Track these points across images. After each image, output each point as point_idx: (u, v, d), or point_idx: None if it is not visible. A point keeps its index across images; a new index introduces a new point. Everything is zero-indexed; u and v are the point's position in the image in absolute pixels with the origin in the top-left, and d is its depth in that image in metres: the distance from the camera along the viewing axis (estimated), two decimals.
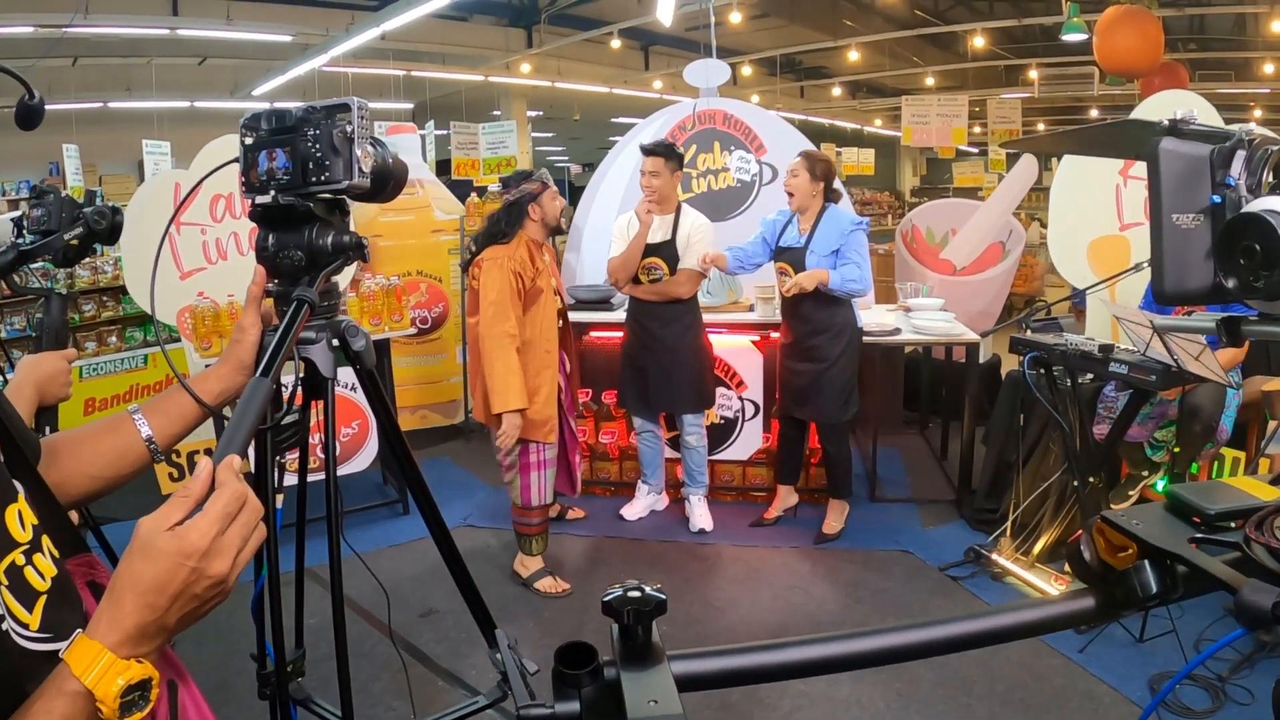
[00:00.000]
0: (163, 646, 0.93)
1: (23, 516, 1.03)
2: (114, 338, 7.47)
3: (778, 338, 5.29)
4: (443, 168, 10.73)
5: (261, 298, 1.54)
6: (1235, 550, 0.93)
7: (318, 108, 1.45)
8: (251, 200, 1.50)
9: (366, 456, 5.53)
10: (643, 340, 5.08)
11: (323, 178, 1.43)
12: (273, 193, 1.46)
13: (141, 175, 11.77)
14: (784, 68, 18.13)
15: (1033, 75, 15.64)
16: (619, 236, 5.06)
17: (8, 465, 1.07)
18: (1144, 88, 10.57)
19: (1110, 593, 0.96)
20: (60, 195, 2.81)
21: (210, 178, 1.56)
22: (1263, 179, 0.89)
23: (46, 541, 1.06)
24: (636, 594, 0.87)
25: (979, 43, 13.77)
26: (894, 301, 6.66)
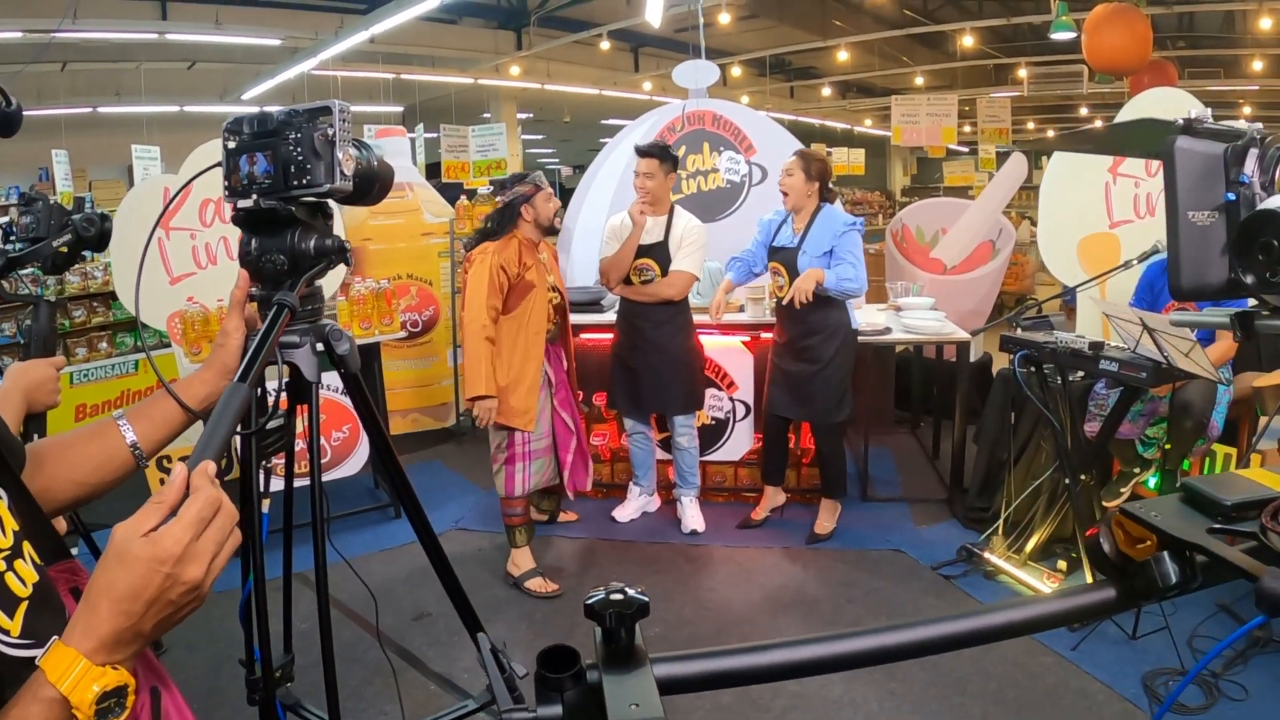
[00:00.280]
0: (139, 652, 0.92)
1: (3, 523, 1.03)
2: (104, 343, 7.45)
3: (769, 338, 5.29)
4: (432, 171, 10.71)
5: (245, 302, 1.54)
6: (1252, 540, 0.94)
7: (299, 111, 1.44)
8: (234, 204, 1.49)
9: (357, 461, 5.52)
10: (633, 341, 5.08)
11: (304, 181, 1.43)
12: (255, 197, 1.45)
13: (131, 180, 11.74)
14: (774, 68, 18.17)
15: (1022, 74, 15.69)
16: (612, 237, 5.07)
17: None
18: (1133, 85, 10.59)
19: (1130, 584, 0.97)
20: (49, 202, 2.81)
21: (200, 182, 1.56)
22: (1275, 176, 0.91)
23: (28, 548, 1.05)
24: (619, 596, 0.87)
25: (968, 42, 13.80)
26: (884, 301, 6.66)
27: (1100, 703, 3.57)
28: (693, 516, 5.37)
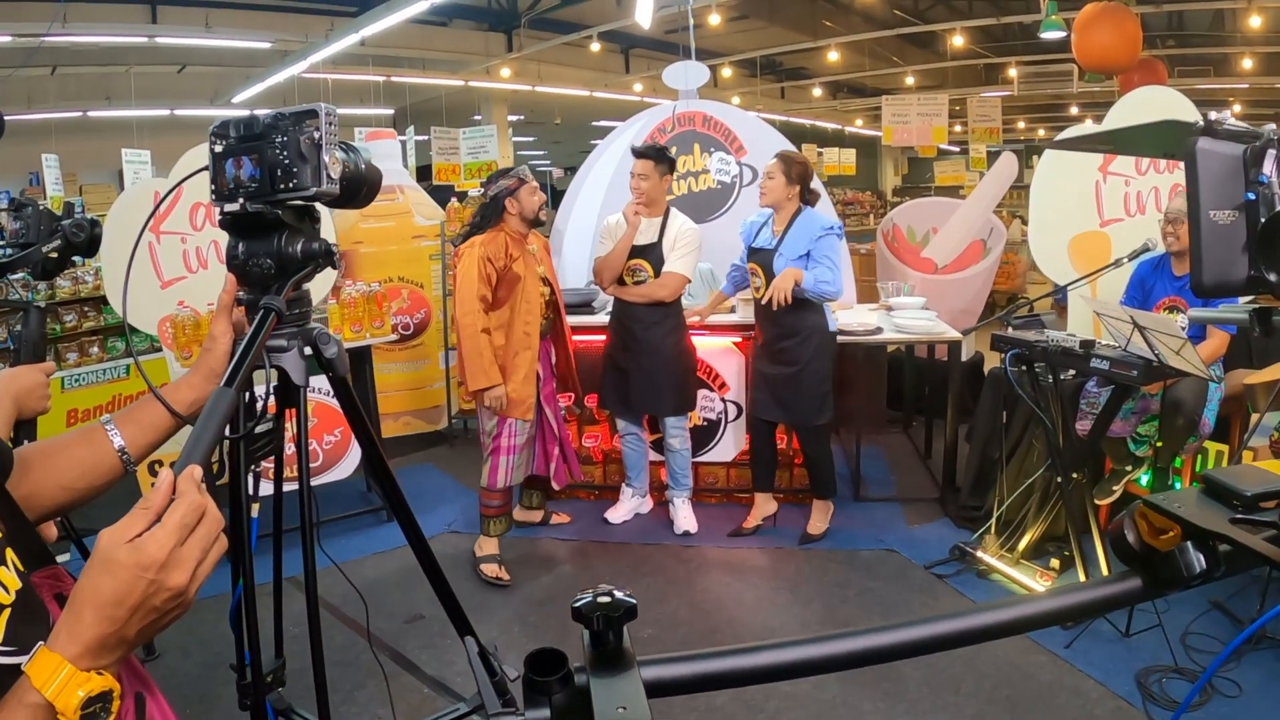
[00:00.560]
0: (124, 658, 0.92)
1: None
2: (96, 348, 7.42)
3: None
4: (423, 173, 10.71)
5: (232, 306, 1.54)
6: (1273, 528, 0.96)
7: (285, 114, 1.44)
8: (220, 208, 1.49)
9: (350, 464, 5.51)
10: (625, 342, 5.08)
11: (291, 185, 1.42)
12: (241, 200, 1.45)
13: (122, 184, 11.73)
14: (764, 69, 18.19)
15: (1012, 73, 15.70)
16: (607, 237, 5.08)
17: None
18: (1123, 84, 10.61)
19: (1155, 573, 0.99)
20: (39, 208, 2.79)
21: (191, 186, 1.55)
22: None
23: (10, 554, 1.05)
24: (606, 599, 0.87)
25: (958, 42, 13.83)
26: (876, 301, 6.66)
27: (1094, 701, 3.57)
28: (685, 518, 5.36)
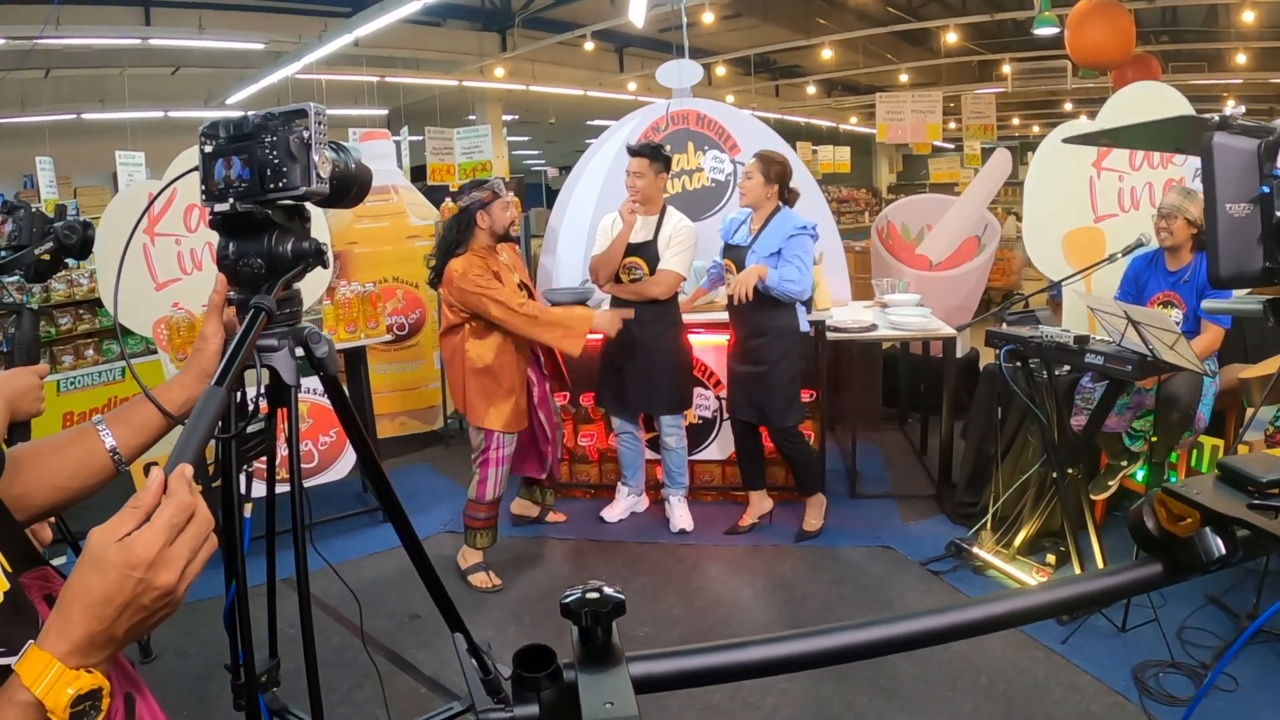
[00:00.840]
0: (113, 656, 0.92)
1: None
2: (91, 350, 7.41)
3: None
4: (418, 173, 10.73)
5: (223, 306, 1.54)
6: None
7: (275, 114, 1.44)
8: (211, 208, 1.49)
9: (345, 465, 5.51)
10: (621, 340, 5.08)
11: (280, 184, 1.42)
12: (231, 200, 1.45)
13: (116, 186, 11.71)
14: (758, 67, 18.21)
15: (1006, 70, 15.74)
16: (603, 235, 5.08)
17: None
18: (1117, 80, 10.62)
19: (1175, 558, 1.01)
20: (31, 210, 2.79)
21: (185, 187, 1.56)
22: None
23: None
24: (595, 595, 0.87)
25: (952, 39, 13.85)
26: (871, 298, 6.67)
27: (1090, 696, 3.58)
28: (681, 516, 5.37)
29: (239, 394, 1.55)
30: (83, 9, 10.50)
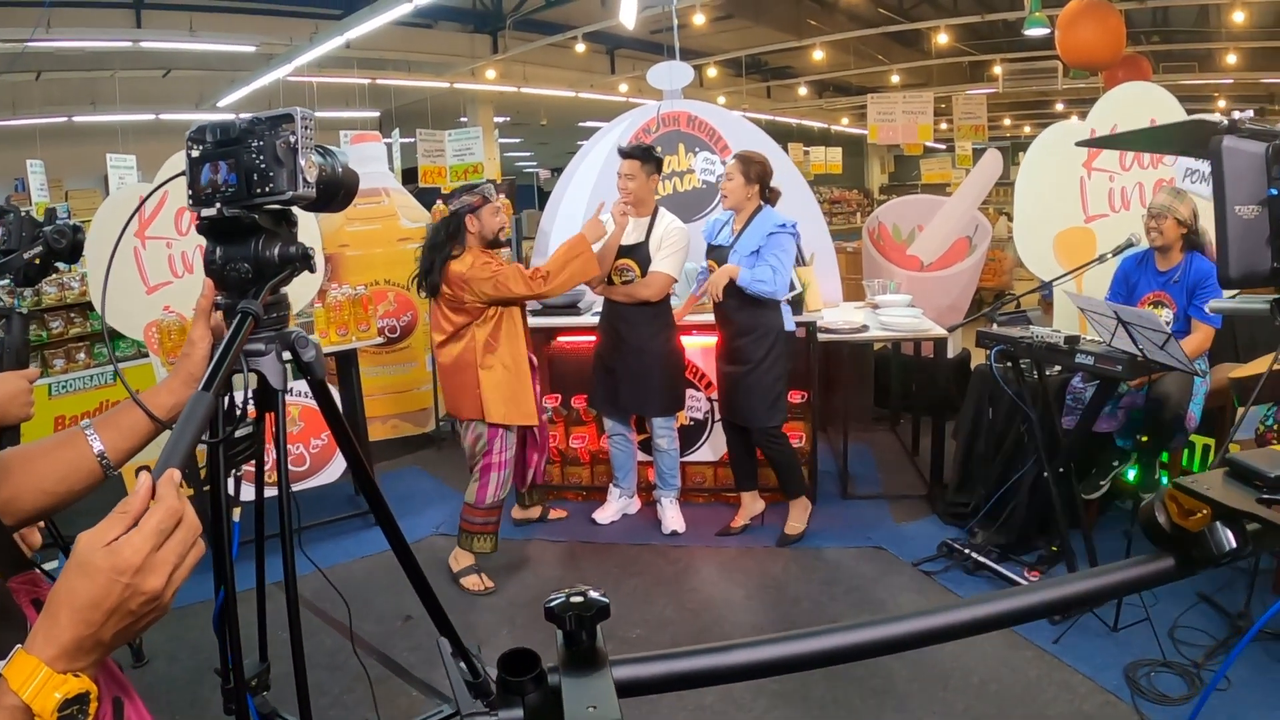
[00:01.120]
0: (100, 661, 0.92)
1: None
2: (82, 354, 7.40)
3: None
4: (409, 176, 10.71)
5: (210, 310, 1.54)
6: None
7: (261, 119, 1.44)
8: (197, 213, 1.49)
9: (336, 468, 5.51)
10: (613, 342, 5.08)
11: (267, 189, 1.42)
12: (218, 205, 1.45)
13: (108, 189, 11.69)
14: (750, 68, 18.21)
15: (997, 71, 15.75)
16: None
17: None
18: (1107, 80, 10.64)
19: (1187, 553, 1.03)
20: (20, 215, 2.79)
21: (175, 191, 1.56)
22: None
23: None
24: (579, 599, 0.87)
25: (943, 39, 13.84)
26: (862, 299, 6.68)
27: (1082, 695, 3.59)
28: (673, 518, 5.37)
29: (227, 398, 1.55)
30: (74, 11, 10.47)
